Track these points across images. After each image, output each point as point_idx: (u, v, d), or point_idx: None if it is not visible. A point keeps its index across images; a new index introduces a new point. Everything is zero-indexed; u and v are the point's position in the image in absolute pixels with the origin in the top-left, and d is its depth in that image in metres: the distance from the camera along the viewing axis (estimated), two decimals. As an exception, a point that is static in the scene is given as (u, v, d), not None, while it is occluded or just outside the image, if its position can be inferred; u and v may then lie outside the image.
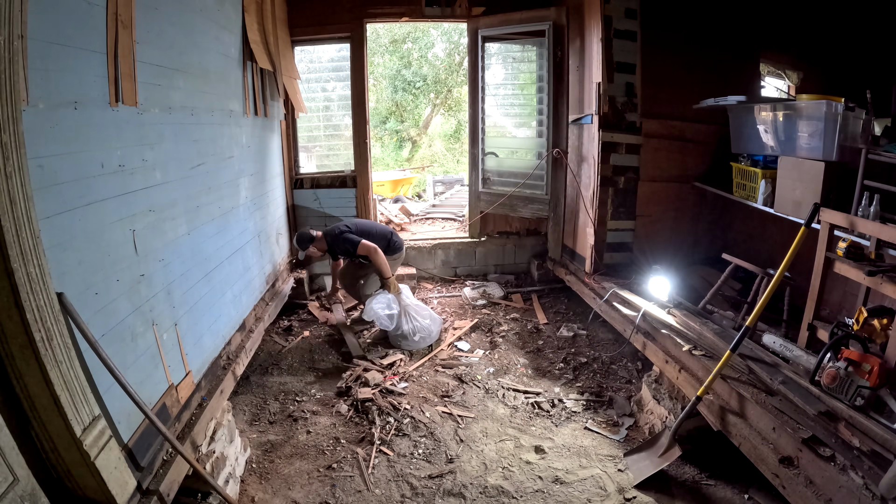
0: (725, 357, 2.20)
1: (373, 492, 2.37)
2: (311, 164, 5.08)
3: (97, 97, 1.75)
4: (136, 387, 1.74)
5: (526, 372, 3.40)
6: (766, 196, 3.04)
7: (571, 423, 2.85)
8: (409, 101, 13.42)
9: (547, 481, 2.40)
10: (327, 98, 5.02)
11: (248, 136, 3.52)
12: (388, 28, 12.15)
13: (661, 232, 4.10)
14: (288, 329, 4.10)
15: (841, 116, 2.54)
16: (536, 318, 4.18)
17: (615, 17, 3.51)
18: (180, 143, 2.42)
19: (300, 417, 2.91)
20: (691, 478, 2.39)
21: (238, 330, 3.03)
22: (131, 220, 1.93)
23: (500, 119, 4.91)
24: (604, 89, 3.57)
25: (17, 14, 1.26)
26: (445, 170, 12.85)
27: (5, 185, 1.24)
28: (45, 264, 1.38)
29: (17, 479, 1.32)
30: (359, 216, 4.78)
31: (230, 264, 3.00)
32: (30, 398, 1.38)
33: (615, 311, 3.27)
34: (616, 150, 3.67)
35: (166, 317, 2.15)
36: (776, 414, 1.98)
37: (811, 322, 2.40)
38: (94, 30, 1.74)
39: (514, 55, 4.72)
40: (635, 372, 3.33)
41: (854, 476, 1.63)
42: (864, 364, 1.86)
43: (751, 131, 3.27)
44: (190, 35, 2.57)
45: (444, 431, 2.77)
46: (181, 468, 1.96)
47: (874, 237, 2.17)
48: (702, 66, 3.83)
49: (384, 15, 4.57)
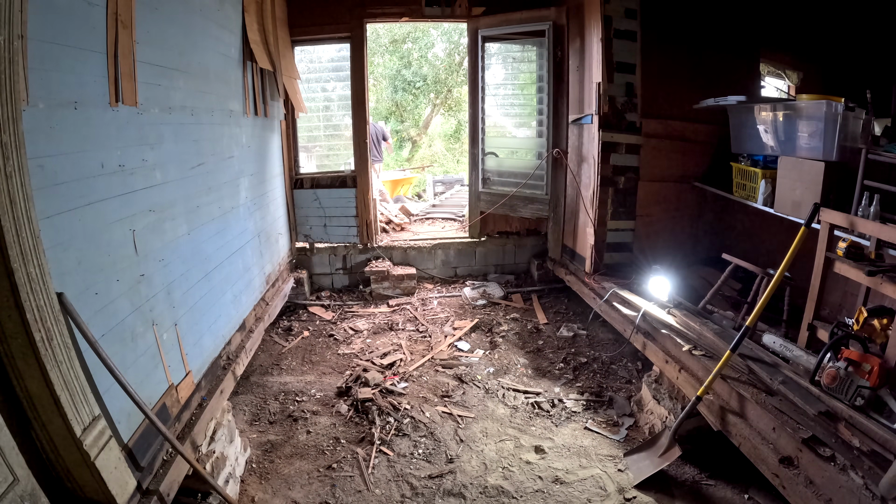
0: (725, 357, 2.20)
1: (373, 492, 2.37)
2: (311, 164, 5.08)
3: (97, 97, 1.75)
4: (136, 387, 1.74)
5: (526, 372, 3.40)
6: (766, 196, 3.04)
7: (571, 423, 2.85)
8: (409, 101, 13.41)
9: (547, 481, 2.40)
10: (327, 98, 5.02)
11: (248, 136, 3.52)
12: (388, 28, 12.15)
13: (661, 232, 4.09)
14: (288, 329, 4.10)
15: (841, 116, 2.54)
16: (536, 318, 4.18)
17: (615, 17, 3.51)
18: (180, 143, 2.42)
19: (300, 417, 2.91)
20: (691, 477, 2.39)
21: (238, 330, 3.03)
22: (131, 220, 1.93)
23: (500, 119, 4.91)
24: (604, 89, 3.57)
25: (17, 14, 1.26)
26: (445, 170, 12.85)
27: (5, 185, 1.24)
28: (45, 264, 1.38)
29: (17, 480, 1.32)
30: (358, 216, 4.78)
31: (230, 264, 3.00)
32: (30, 398, 1.38)
33: (615, 311, 3.27)
34: (616, 150, 3.67)
35: (166, 317, 2.15)
36: (776, 414, 1.98)
37: (811, 322, 2.40)
38: (94, 30, 1.74)
39: (514, 55, 4.72)
40: (635, 372, 3.33)
41: (854, 476, 1.63)
42: (864, 364, 1.86)
43: (751, 131, 3.27)
44: (190, 35, 2.57)
45: (444, 431, 2.77)
46: (181, 468, 1.96)
47: (874, 237, 2.17)
48: (702, 67, 3.83)
49: (384, 15, 4.57)
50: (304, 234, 4.84)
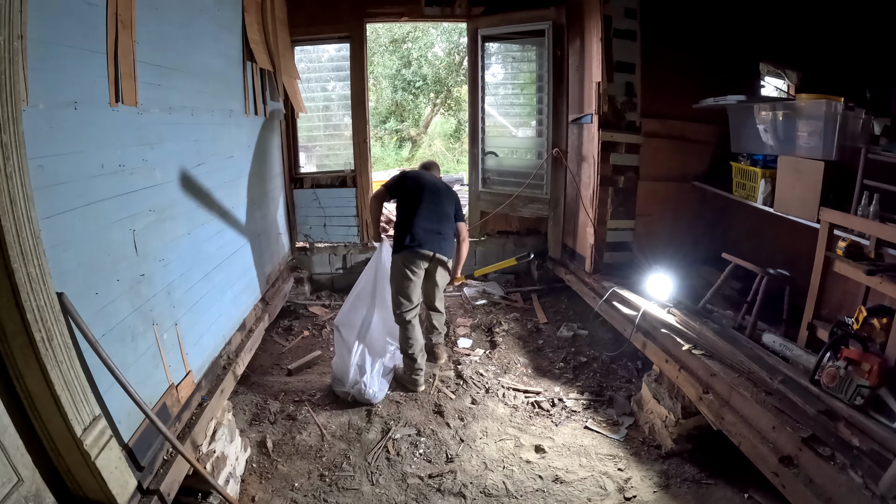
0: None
1: (373, 491, 2.37)
2: (311, 163, 5.07)
3: (97, 97, 1.75)
4: (137, 386, 1.74)
5: (526, 371, 3.40)
6: (766, 195, 3.04)
7: (571, 422, 2.85)
8: (409, 100, 13.41)
9: (547, 480, 2.41)
10: (327, 98, 5.02)
11: (248, 135, 3.52)
12: (388, 28, 12.14)
13: (661, 231, 4.09)
14: (288, 329, 4.10)
15: (840, 116, 2.54)
16: (536, 317, 4.18)
17: (615, 16, 3.51)
18: (180, 142, 2.42)
19: (300, 417, 2.91)
20: (691, 477, 2.40)
21: (238, 330, 3.03)
22: (131, 220, 1.93)
23: (500, 119, 4.91)
24: (603, 89, 3.57)
25: (17, 14, 1.26)
26: (445, 169, 12.82)
27: (5, 185, 1.24)
28: (46, 264, 1.38)
29: (21, 480, 1.33)
30: (358, 216, 4.77)
31: (230, 264, 3.00)
32: (30, 398, 1.38)
33: (615, 310, 3.27)
34: (616, 149, 3.67)
35: (166, 317, 2.15)
36: (776, 413, 1.98)
37: (811, 321, 2.40)
38: (94, 30, 1.74)
39: (514, 55, 4.72)
40: (635, 371, 3.33)
41: (854, 475, 1.63)
42: (864, 363, 1.86)
43: (750, 131, 3.26)
44: (190, 35, 2.57)
45: (444, 431, 2.78)
46: (182, 468, 1.96)
47: (874, 236, 2.17)
48: (701, 66, 3.82)
49: (384, 15, 4.56)
50: (304, 234, 4.84)
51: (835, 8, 3.57)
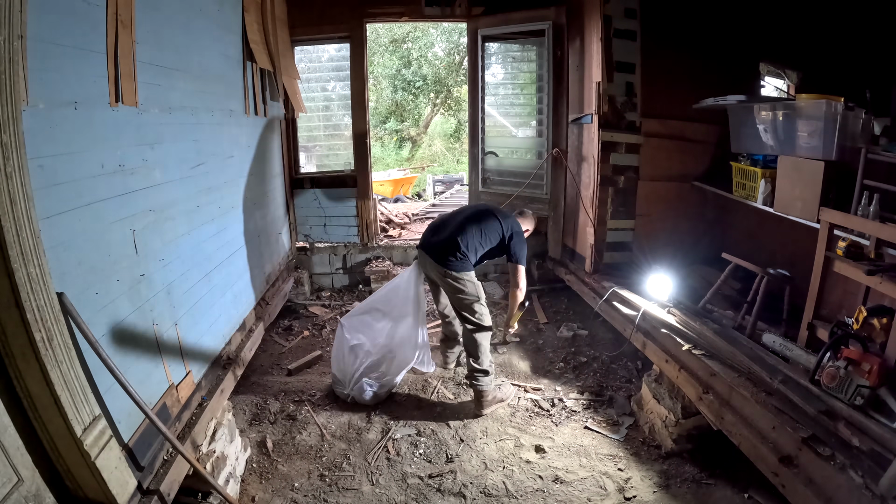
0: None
1: (373, 491, 2.37)
2: (311, 163, 5.07)
3: (97, 97, 1.75)
4: (137, 386, 1.74)
5: (526, 371, 3.40)
6: (766, 195, 3.04)
7: (571, 422, 2.85)
8: (409, 100, 13.43)
9: (547, 480, 2.41)
10: (327, 98, 5.02)
11: (248, 135, 3.52)
12: (388, 28, 12.15)
13: (661, 231, 4.09)
14: (288, 329, 4.10)
15: (840, 116, 2.54)
16: (536, 317, 4.18)
17: (615, 16, 3.51)
18: (180, 142, 2.42)
19: (300, 417, 2.91)
20: (691, 477, 2.40)
21: (238, 330, 3.03)
22: (131, 220, 1.93)
23: (500, 119, 4.91)
24: (603, 89, 3.57)
25: (17, 14, 1.26)
26: (445, 169, 12.85)
27: (5, 185, 1.24)
28: (46, 264, 1.38)
29: (21, 480, 1.33)
30: (358, 216, 4.77)
31: (230, 264, 3.00)
32: (30, 398, 1.38)
33: (615, 310, 3.27)
34: (616, 149, 3.67)
35: (166, 317, 2.15)
36: (776, 413, 1.98)
37: (811, 321, 2.40)
38: (94, 30, 1.74)
39: (514, 55, 4.72)
40: (635, 371, 3.33)
41: (853, 475, 1.63)
42: (864, 363, 1.86)
43: (750, 131, 3.26)
44: (190, 35, 2.57)
45: (444, 431, 2.78)
46: (182, 468, 1.96)
47: (874, 236, 2.17)
48: (701, 66, 3.82)
49: (384, 15, 4.56)
50: (304, 234, 4.85)
51: (834, 8, 3.57)
